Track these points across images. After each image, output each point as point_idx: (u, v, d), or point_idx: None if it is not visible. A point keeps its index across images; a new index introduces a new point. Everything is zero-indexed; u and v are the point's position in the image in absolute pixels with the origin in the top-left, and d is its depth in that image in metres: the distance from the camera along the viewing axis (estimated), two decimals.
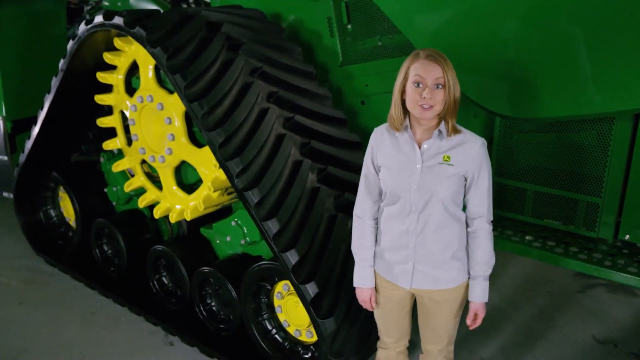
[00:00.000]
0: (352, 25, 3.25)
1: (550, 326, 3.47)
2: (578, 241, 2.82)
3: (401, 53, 2.99)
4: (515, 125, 2.88)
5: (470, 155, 1.95)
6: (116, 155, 3.90)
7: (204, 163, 2.95)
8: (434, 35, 2.71)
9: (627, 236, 2.66)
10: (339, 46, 3.32)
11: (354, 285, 2.23)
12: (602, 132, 2.61)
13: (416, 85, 1.88)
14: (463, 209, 2.05)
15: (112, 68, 3.32)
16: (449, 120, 1.92)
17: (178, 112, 2.98)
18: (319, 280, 2.50)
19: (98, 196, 4.03)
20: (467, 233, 2.06)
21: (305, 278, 2.49)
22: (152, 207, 3.32)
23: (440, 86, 1.87)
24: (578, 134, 2.69)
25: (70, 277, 4.06)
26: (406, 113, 1.99)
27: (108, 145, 3.53)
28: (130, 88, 3.31)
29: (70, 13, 5.90)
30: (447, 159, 1.95)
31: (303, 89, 2.98)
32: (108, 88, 3.39)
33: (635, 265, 2.59)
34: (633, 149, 2.55)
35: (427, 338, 2.26)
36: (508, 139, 2.92)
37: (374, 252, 2.18)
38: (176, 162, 3.10)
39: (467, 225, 2.06)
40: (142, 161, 3.34)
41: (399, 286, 2.11)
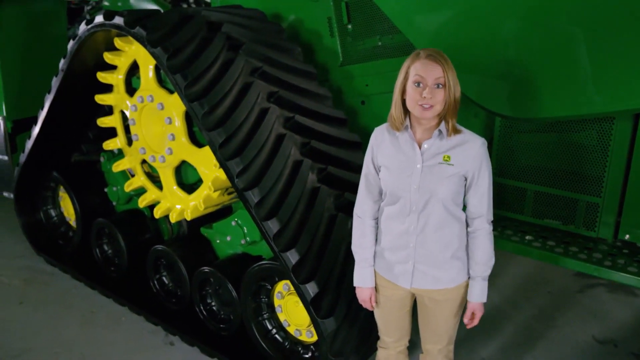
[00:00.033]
0: (353, 25, 3.25)
1: (550, 326, 3.47)
2: (578, 241, 2.82)
3: (401, 53, 2.99)
4: (515, 125, 2.88)
5: (470, 155, 1.95)
6: (116, 155, 3.90)
7: (204, 163, 2.95)
8: (434, 35, 2.71)
9: (627, 236, 2.66)
10: (339, 46, 3.32)
11: (354, 284, 2.24)
12: (602, 132, 2.61)
13: (416, 84, 1.89)
14: (463, 209, 2.05)
15: (113, 68, 3.33)
16: (449, 120, 1.93)
17: (178, 112, 2.98)
18: (319, 280, 2.50)
19: (98, 196, 4.03)
20: (467, 233, 2.06)
21: (305, 278, 2.49)
22: (153, 207, 3.32)
23: (440, 86, 1.87)
24: (578, 134, 2.69)
25: (70, 277, 4.06)
26: (406, 113, 1.99)
27: (108, 145, 3.53)
28: (130, 88, 3.31)
29: (70, 13, 5.89)
30: (447, 159, 1.95)
31: (303, 89, 2.99)
32: (108, 88, 3.39)
33: (635, 265, 2.59)
34: (633, 149, 2.55)
35: (427, 338, 2.26)
36: (508, 139, 2.92)
37: (374, 252, 2.18)
38: (176, 162, 3.10)
39: (467, 225, 2.06)
40: (143, 161, 3.34)
41: (399, 286, 2.12)
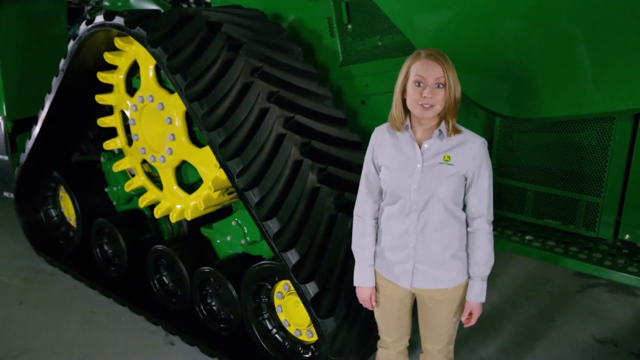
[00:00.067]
0: (353, 25, 3.26)
1: (550, 326, 3.47)
2: (578, 241, 2.82)
3: (401, 53, 2.99)
4: (515, 125, 2.88)
5: (470, 155, 1.95)
6: (117, 155, 3.90)
7: (205, 163, 2.95)
8: (434, 35, 2.71)
9: (627, 236, 2.66)
10: (339, 46, 3.32)
11: (354, 284, 2.24)
12: (602, 132, 2.61)
13: (417, 84, 1.89)
14: (463, 209, 2.05)
15: (113, 68, 3.33)
16: (450, 120, 1.93)
17: (178, 112, 2.98)
18: (319, 279, 2.51)
19: (98, 196, 4.03)
20: (467, 233, 2.06)
21: (305, 278, 2.49)
22: (153, 207, 3.32)
23: (440, 86, 1.87)
24: (578, 134, 2.69)
25: (70, 277, 4.06)
26: (407, 113, 1.99)
27: (109, 145, 3.53)
28: (130, 88, 3.32)
29: (70, 13, 5.90)
30: (448, 159, 1.95)
31: (303, 89, 2.99)
32: (109, 88, 3.40)
33: (635, 265, 2.59)
34: (633, 149, 2.55)
35: (427, 337, 2.26)
36: (508, 139, 2.92)
37: (374, 252, 2.18)
38: (177, 162, 3.10)
39: (467, 225, 2.06)
40: (143, 161, 3.34)
41: (399, 286, 2.12)
